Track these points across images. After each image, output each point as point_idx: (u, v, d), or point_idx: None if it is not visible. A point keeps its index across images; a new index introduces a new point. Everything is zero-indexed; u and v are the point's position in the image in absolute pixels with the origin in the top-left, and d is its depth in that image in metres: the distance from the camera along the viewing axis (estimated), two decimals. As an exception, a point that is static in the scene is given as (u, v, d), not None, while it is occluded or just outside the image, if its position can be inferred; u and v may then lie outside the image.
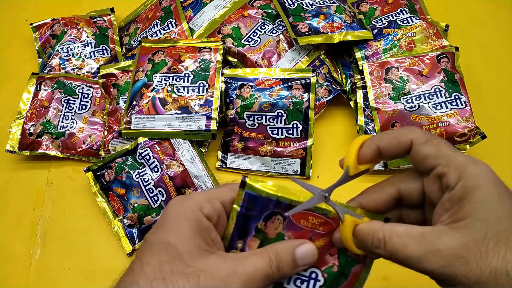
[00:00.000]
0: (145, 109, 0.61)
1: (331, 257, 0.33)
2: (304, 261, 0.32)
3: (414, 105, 0.60)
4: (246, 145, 0.62)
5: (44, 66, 0.72)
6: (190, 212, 0.30)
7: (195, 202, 0.31)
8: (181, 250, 0.29)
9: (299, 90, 0.62)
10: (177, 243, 0.29)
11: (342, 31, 0.65)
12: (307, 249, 0.32)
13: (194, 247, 0.29)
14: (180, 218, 0.30)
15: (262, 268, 0.30)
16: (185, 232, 0.29)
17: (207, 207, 0.31)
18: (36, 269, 0.58)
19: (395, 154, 0.32)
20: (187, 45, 0.65)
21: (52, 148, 0.64)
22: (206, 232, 0.30)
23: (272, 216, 0.33)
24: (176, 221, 0.30)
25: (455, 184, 0.28)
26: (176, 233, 0.29)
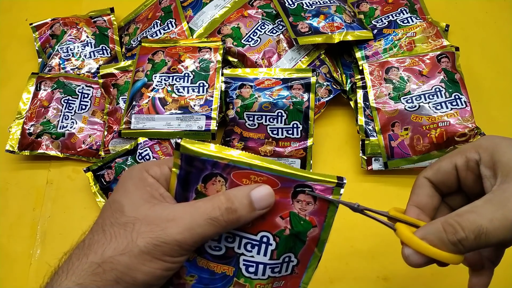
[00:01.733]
0: (145, 109, 0.61)
1: (282, 220, 0.32)
2: (262, 204, 0.31)
3: (414, 105, 0.60)
4: (246, 145, 0.62)
5: (44, 66, 0.72)
6: (135, 172, 0.32)
7: (142, 165, 0.32)
8: (123, 203, 0.30)
9: (299, 90, 0.62)
10: (121, 198, 0.31)
11: (342, 31, 0.65)
12: (264, 190, 0.31)
13: (136, 200, 0.30)
14: (126, 179, 0.32)
15: (206, 211, 0.29)
16: (128, 188, 0.31)
17: (153, 168, 0.32)
18: (36, 269, 0.58)
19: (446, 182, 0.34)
20: (187, 45, 0.65)
21: (52, 148, 0.64)
22: (152, 187, 0.31)
23: (212, 177, 0.32)
24: (123, 182, 0.32)
25: (481, 157, 0.31)
26: (120, 191, 0.31)
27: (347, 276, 0.56)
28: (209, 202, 0.30)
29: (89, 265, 0.29)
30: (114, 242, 0.29)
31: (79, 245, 0.31)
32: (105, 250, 0.29)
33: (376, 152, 0.61)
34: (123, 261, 0.28)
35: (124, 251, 0.28)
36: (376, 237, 0.58)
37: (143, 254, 0.28)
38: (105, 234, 0.30)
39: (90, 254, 0.29)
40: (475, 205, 0.29)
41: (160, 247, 0.28)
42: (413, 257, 0.30)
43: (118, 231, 0.29)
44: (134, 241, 0.29)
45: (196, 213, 0.29)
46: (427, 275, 0.56)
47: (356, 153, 0.63)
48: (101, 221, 0.31)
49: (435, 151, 0.59)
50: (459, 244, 0.29)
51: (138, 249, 0.28)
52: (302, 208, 0.32)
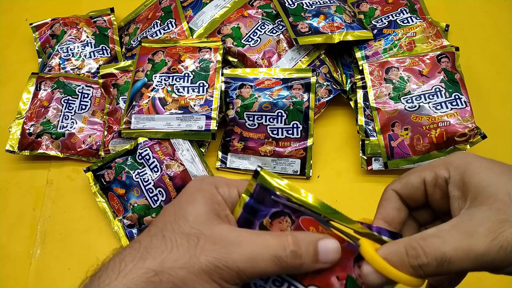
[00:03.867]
0: (145, 109, 0.61)
1: (338, 281, 0.30)
2: (327, 257, 0.29)
3: (414, 105, 0.60)
4: (246, 145, 0.62)
5: (44, 66, 0.72)
6: (205, 185, 0.30)
7: (213, 180, 0.31)
8: (189, 212, 0.29)
9: (299, 90, 0.62)
10: (187, 207, 0.29)
11: (342, 31, 0.65)
12: (331, 244, 0.29)
13: (203, 212, 0.29)
14: (195, 189, 0.30)
15: (273, 247, 0.28)
16: (197, 198, 0.29)
17: (223, 188, 0.30)
18: (36, 269, 0.58)
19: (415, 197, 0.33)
20: (187, 45, 0.65)
21: (52, 148, 0.64)
22: (220, 206, 0.30)
23: (281, 215, 0.30)
24: (191, 191, 0.30)
25: (450, 176, 0.30)
26: (188, 199, 0.29)
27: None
28: (276, 238, 0.28)
29: (145, 271, 0.27)
30: (175, 253, 0.27)
31: (134, 245, 0.29)
32: (165, 259, 0.27)
33: (376, 152, 0.61)
34: (181, 275, 0.27)
35: (185, 265, 0.27)
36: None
37: (203, 273, 0.27)
38: (165, 240, 0.28)
39: (148, 259, 0.27)
40: (441, 229, 0.28)
41: (220, 270, 0.27)
42: (371, 276, 0.29)
43: (180, 241, 0.28)
44: (197, 257, 0.27)
45: (263, 245, 0.28)
46: (427, 275, 0.56)
47: (356, 153, 0.63)
48: (161, 225, 0.29)
49: (435, 151, 0.59)
50: (419, 269, 0.28)
51: (199, 266, 0.27)
52: (361, 276, 0.30)
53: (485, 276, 0.56)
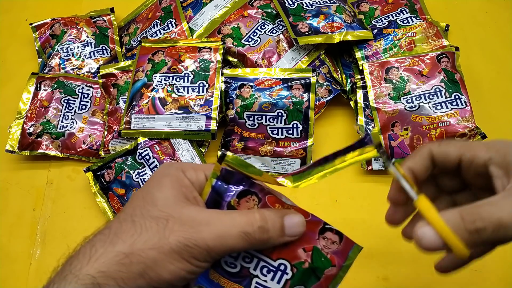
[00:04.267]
0: (145, 109, 0.61)
1: (304, 252, 0.32)
2: (292, 231, 0.31)
3: (414, 105, 0.60)
4: (246, 145, 0.62)
5: (44, 66, 0.72)
6: (172, 170, 0.31)
7: (179, 165, 0.32)
8: (157, 196, 0.30)
9: (299, 90, 0.62)
10: (155, 191, 0.30)
11: (342, 31, 0.65)
12: (297, 218, 0.31)
13: (170, 196, 0.30)
14: (162, 175, 0.31)
15: (241, 224, 0.29)
16: (164, 183, 0.30)
17: (190, 171, 0.31)
18: (36, 269, 0.58)
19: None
20: (187, 45, 0.65)
21: (52, 148, 0.64)
22: (187, 189, 0.31)
23: (247, 194, 0.32)
24: (158, 176, 0.31)
25: (491, 157, 0.30)
26: (155, 184, 0.30)
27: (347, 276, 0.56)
28: (244, 216, 0.30)
29: (116, 254, 0.28)
30: (145, 235, 0.28)
31: (104, 231, 0.30)
32: (134, 242, 0.28)
33: (376, 152, 0.60)
34: (151, 256, 0.28)
35: (155, 246, 0.28)
36: (376, 237, 0.58)
37: (173, 252, 0.28)
38: (135, 225, 0.29)
39: (118, 243, 0.28)
40: (493, 200, 0.28)
41: (190, 249, 0.28)
42: (429, 238, 0.28)
43: (150, 224, 0.29)
44: (166, 238, 0.28)
45: (231, 223, 0.29)
46: (427, 275, 0.56)
47: (356, 153, 0.63)
48: (130, 211, 0.30)
49: (435, 151, 0.59)
50: (475, 234, 0.27)
51: (169, 246, 0.28)
52: (326, 246, 0.32)
53: (486, 275, 0.56)
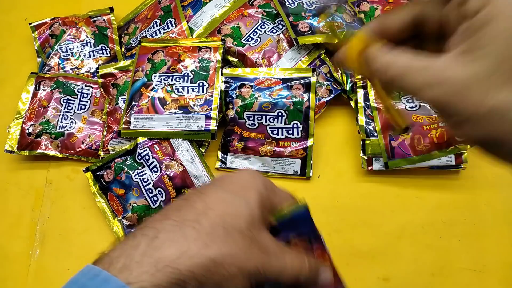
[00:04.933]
0: (144, 109, 0.61)
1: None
2: (322, 282, 0.33)
3: (415, 104, 0.60)
4: (246, 145, 0.62)
5: (43, 66, 0.72)
6: (260, 184, 0.30)
7: (266, 182, 0.31)
8: (243, 211, 0.29)
9: (299, 90, 0.61)
10: (240, 203, 0.29)
11: (343, 30, 0.64)
12: (328, 273, 0.33)
13: (256, 216, 0.29)
14: (248, 184, 0.30)
15: (296, 268, 0.30)
16: (251, 197, 0.29)
17: (275, 196, 0.32)
18: (35, 270, 0.58)
19: None
20: (187, 45, 0.65)
21: (51, 148, 0.64)
22: (268, 212, 0.30)
23: (303, 235, 0.33)
24: (243, 184, 0.30)
25: (476, 12, 0.24)
26: (239, 192, 0.29)
27: (347, 276, 0.56)
28: (298, 258, 0.31)
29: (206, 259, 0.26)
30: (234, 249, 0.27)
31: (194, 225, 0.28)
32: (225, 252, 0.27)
33: (376, 152, 0.60)
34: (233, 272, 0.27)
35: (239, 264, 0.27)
36: (376, 237, 0.58)
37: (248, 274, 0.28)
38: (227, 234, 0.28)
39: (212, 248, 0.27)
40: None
41: (258, 275, 0.28)
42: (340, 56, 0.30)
43: (237, 238, 0.28)
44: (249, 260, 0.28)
45: (290, 263, 0.30)
46: (427, 275, 0.56)
47: (357, 153, 0.63)
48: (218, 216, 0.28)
49: (436, 151, 0.59)
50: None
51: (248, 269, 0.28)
52: None
53: (486, 275, 0.56)
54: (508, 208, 0.60)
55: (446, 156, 0.59)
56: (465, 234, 0.58)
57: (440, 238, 0.58)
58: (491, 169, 0.62)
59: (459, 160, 0.59)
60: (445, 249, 0.57)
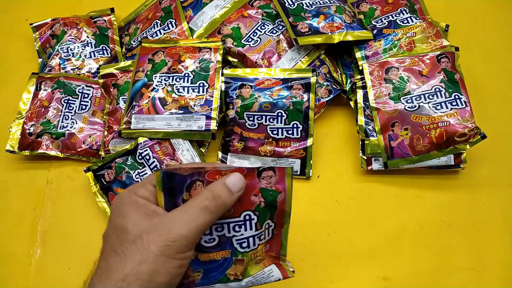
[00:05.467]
0: (145, 109, 0.61)
1: (255, 197, 0.39)
2: (237, 187, 0.36)
3: (414, 105, 0.60)
4: (246, 145, 0.62)
5: (44, 66, 0.72)
6: (125, 197, 0.36)
7: (129, 190, 0.36)
8: (125, 225, 0.33)
9: (299, 90, 0.62)
10: (122, 222, 0.34)
11: (342, 31, 0.65)
12: (234, 176, 0.37)
13: (135, 219, 0.34)
14: (119, 204, 0.35)
15: (198, 205, 0.34)
16: (125, 211, 0.34)
17: (140, 190, 0.36)
18: (36, 269, 0.58)
19: None
20: (187, 45, 0.65)
21: (52, 148, 0.64)
22: (145, 207, 0.35)
23: (193, 184, 0.37)
24: (118, 208, 0.35)
25: None
26: (119, 216, 0.35)
27: (347, 276, 0.56)
28: (197, 198, 0.35)
29: (114, 283, 0.31)
30: (130, 257, 0.32)
31: (97, 271, 0.33)
32: (125, 266, 0.31)
33: (376, 152, 0.61)
34: (143, 269, 0.31)
35: (141, 260, 0.31)
36: (376, 237, 0.58)
37: (158, 257, 0.32)
38: (118, 254, 0.32)
39: (112, 274, 0.32)
40: None
41: (170, 247, 0.32)
42: None
43: (130, 248, 0.32)
44: (147, 249, 0.32)
45: (191, 209, 0.34)
46: (427, 275, 0.56)
47: (356, 153, 0.63)
48: (109, 247, 0.33)
49: (435, 151, 0.59)
50: None
51: (153, 254, 0.32)
52: (267, 182, 0.39)
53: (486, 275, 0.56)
54: (507, 207, 0.60)
55: (445, 156, 0.59)
56: (464, 233, 0.58)
57: (439, 237, 0.58)
58: (490, 169, 0.62)
59: (458, 160, 0.60)
60: (444, 248, 0.57)
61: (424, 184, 0.61)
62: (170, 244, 0.32)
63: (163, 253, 0.32)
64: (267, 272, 0.41)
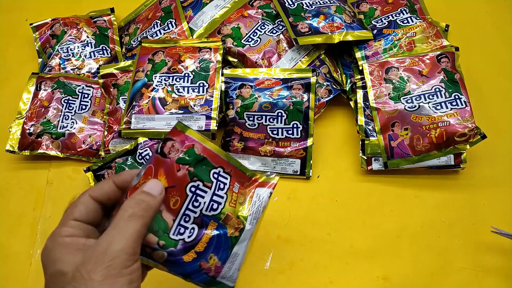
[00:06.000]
0: (145, 109, 0.61)
1: (181, 171, 0.37)
2: (155, 190, 0.35)
3: (414, 105, 0.60)
4: (246, 145, 0.62)
5: (44, 66, 0.72)
6: (49, 244, 0.33)
7: (51, 236, 0.34)
8: (58, 269, 0.32)
9: (299, 90, 0.62)
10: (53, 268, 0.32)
11: (342, 31, 0.65)
12: (150, 183, 0.36)
13: (66, 258, 0.32)
14: (47, 254, 0.33)
15: (123, 214, 0.33)
16: (54, 257, 0.33)
17: (63, 230, 0.34)
18: (36, 269, 0.58)
19: None
20: (187, 45, 0.65)
21: (52, 148, 0.64)
22: (72, 244, 0.33)
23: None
24: (46, 258, 0.33)
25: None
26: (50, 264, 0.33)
27: (347, 276, 0.56)
28: (120, 210, 0.34)
29: None
30: None
31: None
32: None
33: (376, 152, 0.61)
34: None
35: None
36: (376, 237, 0.58)
37: (103, 282, 0.30)
38: None
39: None
40: None
41: (112, 266, 0.30)
42: None
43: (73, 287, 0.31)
44: (90, 279, 0.30)
45: (118, 222, 0.33)
46: (427, 275, 0.56)
47: (356, 153, 0.63)
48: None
49: (435, 151, 0.59)
50: None
51: (97, 282, 0.30)
52: (175, 152, 0.37)
53: (486, 275, 0.56)
54: (507, 207, 0.60)
55: (445, 156, 0.59)
56: (464, 233, 0.58)
57: (439, 237, 0.58)
58: (490, 169, 0.62)
59: (458, 160, 0.60)
60: (444, 248, 0.57)
61: (424, 184, 0.61)
62: (110, 263, 0.30)
63: (107, 276, 0.30)
64: (256, 200, 0.40)
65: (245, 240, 0.39)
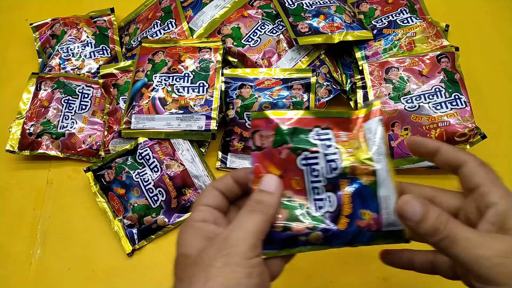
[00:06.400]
0: (145, 109, 0.61)
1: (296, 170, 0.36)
2: (270, 187, 0.35)
3: (414, 105, 0.60)
4: (246, 145, 0.62)
5: (44, 66, 0.72)
6: (183, 227, 0.35)
7: (189, 218, 0.35)
8: (186, 252, 0.33)
9: (299, 90, 0.62)
10: (182, 251, 0.33)
11: (342, 31, 0.65)
12: (264, 180, 0.35)
13: (194, 243, 0.33)
14: (180, 236, 0.35)
15: (245, 209, 0.33)
16: (185, 241, 0.34)
17: (195, 214, 0.35)
18: (36, 269, 0.58)
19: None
20: (187, 45, 0.65)
21: (52, 148, 0.64)
22: (201, 229, 0.34)
23: None
24: (178, 241, 0.35)
25: (496, 203, 0.32)
26: (179, 247, 0.34)
27: (347, 276, 0.56)
28: (244, 206, 0.34)
29: None
30: (195, 280, 0.30)
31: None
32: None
33: (376, 152, 0.61)
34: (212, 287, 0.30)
35: (207, 278, 0.30)
36: (376, 237, 0.58)
37: (222, 269, 0.30)
38: (184, 281, 0.31)
39: None
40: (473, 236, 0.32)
41: (231, 253, 0.31)
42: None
43: (193, 270, 0.31)
44: (210, 265, 0.30)
45: (241, 215, 0.33)
46: (427, 275, 0.56)
47: (356, 153, 0.63)
48: (176, 278, 0.33)
49: (435, 151, 0.59)
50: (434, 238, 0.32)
51: (216, 268, 0.30)
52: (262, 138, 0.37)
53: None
54: (507, 208, 0.60)
55: (445, 156, 0.59)
56: (464, 233, 0.58)
57: (439, 237, 0.58)
58: (490, 169, 0.62)
59: (458, 160, 0.60)
60: (444, 248, 0.57)
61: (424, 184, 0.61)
62: (231, 250, 0.31)
63: (226, 263, 0.30)
64: (370, 135, 0.36)
65: (384, 180, 0.37)
